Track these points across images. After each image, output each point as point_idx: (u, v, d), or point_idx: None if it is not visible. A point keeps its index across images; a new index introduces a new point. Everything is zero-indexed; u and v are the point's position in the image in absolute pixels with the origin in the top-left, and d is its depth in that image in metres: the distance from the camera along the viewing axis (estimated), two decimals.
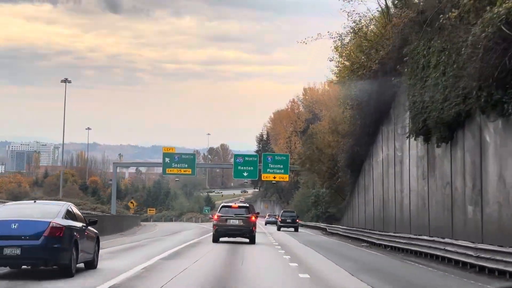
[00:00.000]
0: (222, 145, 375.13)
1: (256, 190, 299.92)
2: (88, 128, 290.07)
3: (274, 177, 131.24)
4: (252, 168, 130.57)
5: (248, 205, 54.82)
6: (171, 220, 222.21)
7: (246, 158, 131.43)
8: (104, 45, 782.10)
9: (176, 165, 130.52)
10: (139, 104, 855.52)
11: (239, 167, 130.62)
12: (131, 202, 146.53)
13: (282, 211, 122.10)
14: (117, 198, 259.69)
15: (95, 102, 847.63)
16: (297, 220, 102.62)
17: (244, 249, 44.87)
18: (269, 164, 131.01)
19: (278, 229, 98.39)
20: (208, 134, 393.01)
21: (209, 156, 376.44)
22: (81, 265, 26.82)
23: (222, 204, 52.90)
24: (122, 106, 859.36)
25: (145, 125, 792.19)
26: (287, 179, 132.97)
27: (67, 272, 24.55)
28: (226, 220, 48.05)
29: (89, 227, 27.37)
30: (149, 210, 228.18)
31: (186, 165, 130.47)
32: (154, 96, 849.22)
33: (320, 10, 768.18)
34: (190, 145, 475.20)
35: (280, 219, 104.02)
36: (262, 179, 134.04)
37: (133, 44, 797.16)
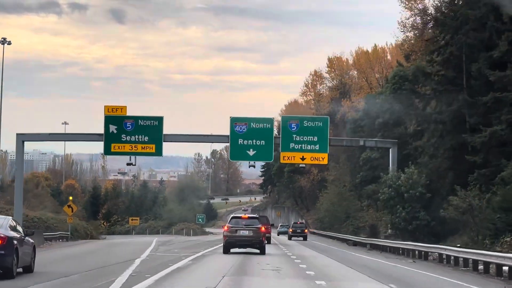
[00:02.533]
0: (227, 147, 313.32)
1: (265, 196, 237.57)
2: (65, 123, 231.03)
3: (303, 158, 69.53)
4: (263, 142, 69.35)
5: (257, 216, 54.99)
6: (157, 233, 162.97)
7: (253, 125, 69.99)
8: (111, 56, 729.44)
9: (129, 137, 69.51)
10: (146, 114, 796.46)
11: (240, 141, 69.40)
12: (68, 206, 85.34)
13: (292, 222, 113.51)
14: (94, 206, 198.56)
15: (102, 113, 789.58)
16: (305, 231, 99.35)
17: None
18: (294, 136, 69.61)
19: (289, 238, 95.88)
20: (211, 134, 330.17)
21: (212, 160, 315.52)
22: (20, 269, 28.28)
23: (232, 215, 51.00)
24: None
25: None
26: (325, 162, 70.85)
27: (9, 275, 26.91)
28: (236, 231, 45.17)
29: (27, 237, 29.62)
30: (132, 220, 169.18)
31: (146, 138, 69.41)
32: (161, 107, 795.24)
33: (327, 19, 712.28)
34: (192, 151, 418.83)
35: (291, 230, 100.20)
36: (282, 161, 71.87)
37: (140, 55, 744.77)
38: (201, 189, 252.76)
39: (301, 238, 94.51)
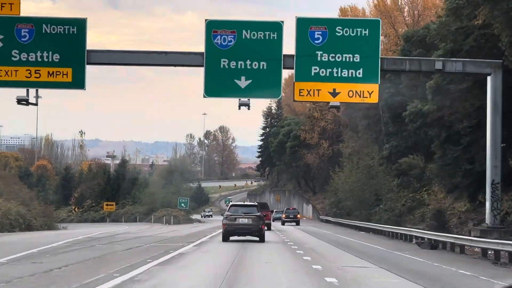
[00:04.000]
0: (221, 128, 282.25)
1: (263, 178, 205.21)
2: (37, 96, 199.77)
3: (334, 92, 37.55)
4: (264, 64, 37.44)
5: (256, 203, 54.83)
6: (134, 220, 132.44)
7: (246, 34, 37.99)
8: (107, 42, 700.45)
9: (25, 55, 37.27)
10: (143, 100, 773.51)
11: (224, 63, 37.34)
12: None
13: (285, 208, 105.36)
14: (66, 189, 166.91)
15: (98, 99, 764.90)
16: (298, 216, 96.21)
17: None
18: (318, 53, 37.65)
19: (283, 224, 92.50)
20: (204, 114, 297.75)
21: (206, 141, 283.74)
22: None
23: (231, 203, 49.65)
24: (125, 103, 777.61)
25: (149, 121, 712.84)
26: (373, 99, 38.45)
27: None
28: (235, 219, 43.29)
29: None
30: (106, 205, 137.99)
31: (57, 57, 37.21)
32: (157, 93, 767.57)
33: (324, 5, 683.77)
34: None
35: (284, 216, 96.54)
36: (297, 98, 38.96)
37: (135, 41, 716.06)
38: (192, 172, 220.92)
39: (294, 223, 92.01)
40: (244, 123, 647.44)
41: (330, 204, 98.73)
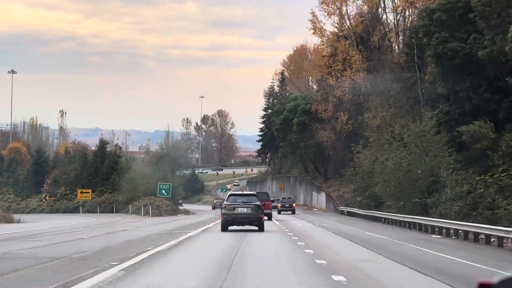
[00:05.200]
0: (220, 112, 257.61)
1: (264, 167, 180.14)
2: (13, 71, 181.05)
3: None
4: None
5: (255, 192, 52.48)
6: (111, 211, 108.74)
7: None
8: (107, 31, 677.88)
9: None
10: (143, 90, 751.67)
11: None
12: None
13: (281, 198, 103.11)
14: (38, 175, 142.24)
15: (98, 88, 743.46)
16: (293, 205, 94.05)
17: None
18: None
19: (279, 213, 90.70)
20: (201, 96, 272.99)
21: (204, 126, 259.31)
22: None
23: (230, 193, 48.62)
24: (126, 92, 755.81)
25: (149, 110, 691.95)
26: None
27: None
28: (234, 208, 42.80)
29: None
30: (81, 192, 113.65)
31: None
32: (158, 82, 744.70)
33: None
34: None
35: (280, 205, 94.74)
36: None
37: (136, 30, 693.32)
38: (186, 158, 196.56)
39: (290, 212, 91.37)
40: (244, 112, 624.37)
41: (354, 191, 74.05)
